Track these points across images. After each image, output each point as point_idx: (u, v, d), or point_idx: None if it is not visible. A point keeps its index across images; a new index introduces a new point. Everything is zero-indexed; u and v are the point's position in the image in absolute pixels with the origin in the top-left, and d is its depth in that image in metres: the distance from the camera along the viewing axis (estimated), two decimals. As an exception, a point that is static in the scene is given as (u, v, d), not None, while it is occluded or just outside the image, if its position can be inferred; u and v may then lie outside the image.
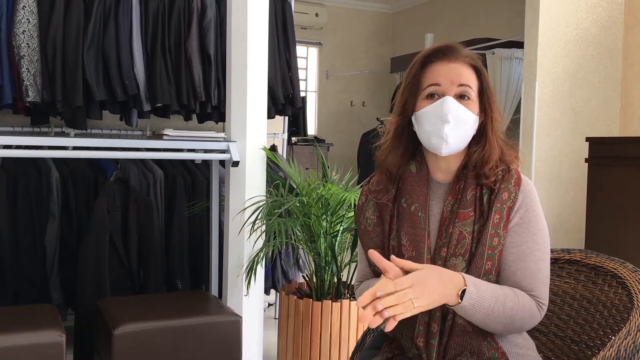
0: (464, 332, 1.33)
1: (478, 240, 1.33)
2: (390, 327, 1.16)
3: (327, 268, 2.60)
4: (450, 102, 1.32)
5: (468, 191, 1.36)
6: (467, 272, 1.31)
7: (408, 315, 1.18)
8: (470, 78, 1.36)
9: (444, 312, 1.33)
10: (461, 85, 1.34)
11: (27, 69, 2.76)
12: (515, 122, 4.55)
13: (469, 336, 1.33)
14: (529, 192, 1.35)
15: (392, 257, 1.25)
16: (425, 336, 1.35)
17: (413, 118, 1.38)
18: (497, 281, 1.35)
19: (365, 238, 1.46)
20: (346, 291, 2.68)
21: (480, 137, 1.38)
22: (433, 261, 1.35)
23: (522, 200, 1.34)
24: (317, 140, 6.89)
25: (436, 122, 1.33)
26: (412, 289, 1.18)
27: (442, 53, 1.36)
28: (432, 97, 1.35)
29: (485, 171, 1.35)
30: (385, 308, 1.15)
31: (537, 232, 1.34)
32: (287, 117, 4.02)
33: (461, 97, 1.34)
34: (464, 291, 1.23)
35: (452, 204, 1.37)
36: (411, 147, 1.43)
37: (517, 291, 1.32)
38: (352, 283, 2.62)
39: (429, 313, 1.34)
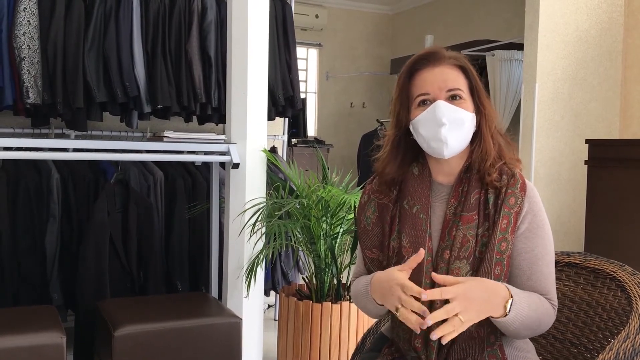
0: (470, 338, 1.32)
1: (484, 244, 1.33)
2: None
3: (326, 270, 2.61)
4: (442, 105, 1.34)
5: (472, 194, 1.37)
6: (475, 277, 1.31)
7: (456, 334, 1.19)
8: (457, 79, 1.37)
9: None
10: (449, 90, 1.35)
11: (27, 70, 2.76)
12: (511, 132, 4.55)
13: (474, 342, 1.32)
14: (533, 197, 1.37)
15: (434, 274, 1.25)
16: (423, 338, 1.33)
17: (410, 127, 1.39)
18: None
19: (363, 237, 1.47)
20: (346, 293, 2.68)
21: (476, 134, 1.39)
22: (435, 263, 1.35)
23: (529, 207, 1.35)
24: (317, 141, 6.89)
25: (433, 127, 1.34)
26: (457, 301, 1.18)
27: (425, 60, 1.38)
28: (424, 103, 1.37)
29: (487, 168, 1.36)
30: (434, 330, 1.17)
31: (544, 235, 1.36)
32: (287, 119, 4.03)
33: (452, 97, 1.35)
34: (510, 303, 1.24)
35: (455, 207, 1.38)
36: (410, 156, 1.44)
37: (538, 295, 1.33)
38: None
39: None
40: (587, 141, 3.58)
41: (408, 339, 1.36)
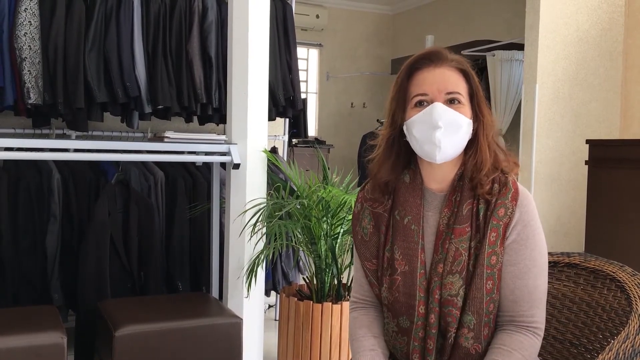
0: (467, 355, 1.31)
1: (475, 258, 1.30)
2: None
3: (327, 270, 2.61)
4: (439, 107, 1.29)
5: (464, 205, 1.32)
6: (468, 293, 1.29)
7: None
8: (458, 83, 1.32)
9: (442, 330, 1.31)
10: (449, 93, 1.31)
11: (28, 71, 2.77)
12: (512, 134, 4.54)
13: (471, 358, 1.31)
14: (526, 207, 1.32)
15: None
16: (420, 352, 1.32)
17: (404, 128, 1.35)
18: (499, 299, 1.32)
19: (362, 248, 1.43)
20: (346, 293, 2.68)
21: (473, 142, 1.34)
22: (429, 277, 1.33)
23: (520, 216, 1.31)
24: (317, 141, 6.89)
25: (427, 129, 1.29)
26: None
27: (427, 59, 1.33)
28: (420, 104, 1.32)
29: (480, 178, 1.31)
30: None
31: (534, 247, 1.31)
32: (287, 119, 4.03)
33: (451, 101, 1.31)
34: None
35: (449, 217, 1.34)
36: (403, 157, 1.40)
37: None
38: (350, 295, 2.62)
39: (425, 329, 1.32)
40: (587, 141, 3.58)
41: (406, 352, 1.35)
